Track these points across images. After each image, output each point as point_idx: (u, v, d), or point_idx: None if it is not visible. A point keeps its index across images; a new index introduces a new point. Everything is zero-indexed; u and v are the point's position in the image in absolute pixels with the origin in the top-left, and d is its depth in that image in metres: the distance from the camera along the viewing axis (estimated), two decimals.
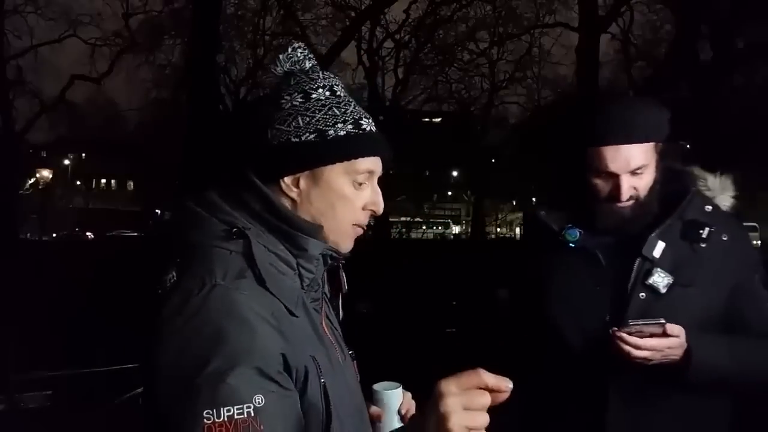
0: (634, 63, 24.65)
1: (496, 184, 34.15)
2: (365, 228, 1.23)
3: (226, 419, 0.94)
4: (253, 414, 0.95)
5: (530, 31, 27.33)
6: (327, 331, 1.19)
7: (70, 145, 40.92)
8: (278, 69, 1.20)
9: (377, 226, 30.13)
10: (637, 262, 1.61)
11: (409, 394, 1.29)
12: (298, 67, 1.20)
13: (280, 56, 1.20)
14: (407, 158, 31.89)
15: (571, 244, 1.67)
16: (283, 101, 1.15)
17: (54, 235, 31.93)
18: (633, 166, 1.60)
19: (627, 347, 1.51)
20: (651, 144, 1.62)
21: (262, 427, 0.95)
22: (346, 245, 1.20)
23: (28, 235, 29.80)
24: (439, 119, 37.10)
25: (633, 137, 1.59)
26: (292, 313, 1.07)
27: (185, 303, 1.01)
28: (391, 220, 33.56)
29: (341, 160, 1.14)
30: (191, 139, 14.63)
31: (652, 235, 1.61)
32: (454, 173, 42.06)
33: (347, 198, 1.16)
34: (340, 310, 1.28)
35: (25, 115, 24.76)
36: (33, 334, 5.41)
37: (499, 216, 46.17)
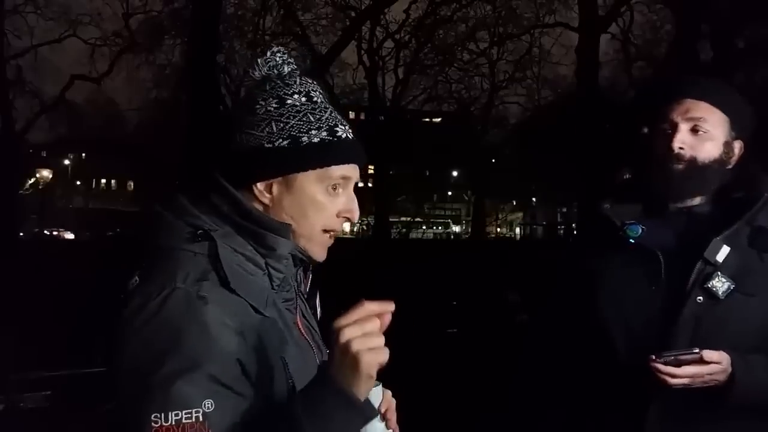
0: (634, 63, 24.66)
1: (496, 184, 34.17)
2: (337, 235, 1.21)
3: (174, 423, 0.95)
4: (201, 419, 0.96)
5: (530, 31, 27.37)
6: (303, 331, 1.19)
7: (70, 145, 40.90)
8: (256, 73, 1.19)
9: (377, 226, 30.19)
10: (698, 264, 1.54)
11: (389, 392, 1.29)
12: (276, 71, 1.18)
13: (258, 60, 1.19)
14: (407, 158, 31.96)
15: (631, 240, 1.62)
16: (258, 106, 1.14)
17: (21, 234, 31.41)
18: (690, 114, 1.60)
19: (663, 376, 1.46)
20: (720, 114, 1.62)
21: None
22: (317, 253, 1.18)
23: (29, 235, 29.77)
24: (439, 119, 37.12)
25: (699, 93, 1.62)
26: (260, 313, 1.07)
27: (144, 306, 1.01)
28: (391, 220, 33.55)
29: (314, 168, 1.12)
30: (191, 139, 14.65)
31: (717, 238, 1.54)
32: (454, 173, 42.09)
33: (320, 205, 1.15)
34: (318, 309, 1.28)
35: (25, 115, 24.77)
36: (33, 334, 5.41)
37: (499, 216, 46.18)
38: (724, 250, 1.54)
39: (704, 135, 1.60)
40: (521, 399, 1.88)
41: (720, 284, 1.53)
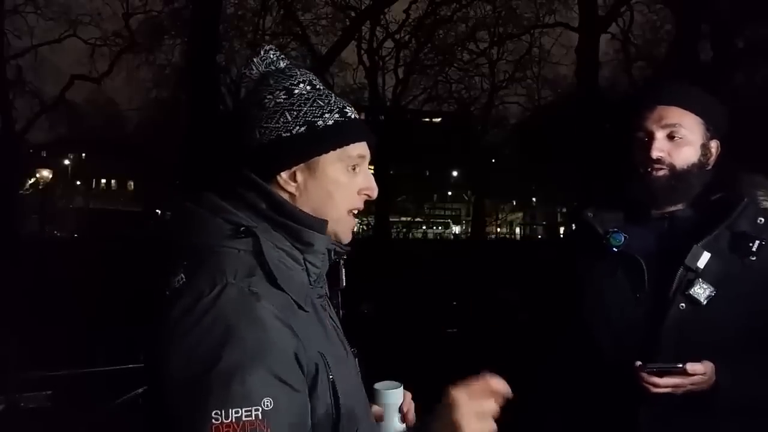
0: (634, 63, 24.61)
1: (496, 184, 34.12)
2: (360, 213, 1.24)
3: (234, 420, 0.94)
4: (261, 417, 0.95)
5: (530, 31, 27.30)
6: (332, 328, 1.20)
7: (70, 145, 40.81)
8: (254, 72, 1.22)
9: (377, 226, 30.15)
10: (679, 271, 1.56)
11: (409, 394, 1.30)
12: (273, 67, 1.22)
13: (255, 59, 1.23)
14: (407, 158, 31.93)
15: (614, 249, 1.64)
16: (266, 101, 1.17)
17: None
18: (664, 122, 1.61)
19: (646, 384, 1.48)
20: (693, 116, 1.63)
21: (268, 431, 0.95)
22: (346, 235, 1.21)
23: (30, 235, 29.76)
24: (439, 119, 37.08)
25: (669, 98, 1.64)
26: (302, 309, 1.08)
27: (196, 303, 1.01)
28: (391, 220, 33.52)
29: (334, 148, 1.16)
30: (191, 139, 14.64)
31: (698, 245, 1.56)
32: (454, 173, 42.03)
33: (344, 185, 1.18)
34: (340, 308, 1.29)
35: (25, 115, 24.70)
36: (33, 334, 5.40)
37: (499, 216, 46.13)
38: (705, 257, 1.56)
39: (681, 140, 1.62)
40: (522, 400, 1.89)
41: (702, 290, 1.54)
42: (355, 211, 1.22)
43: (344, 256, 1.24)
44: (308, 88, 1.18)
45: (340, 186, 1.18)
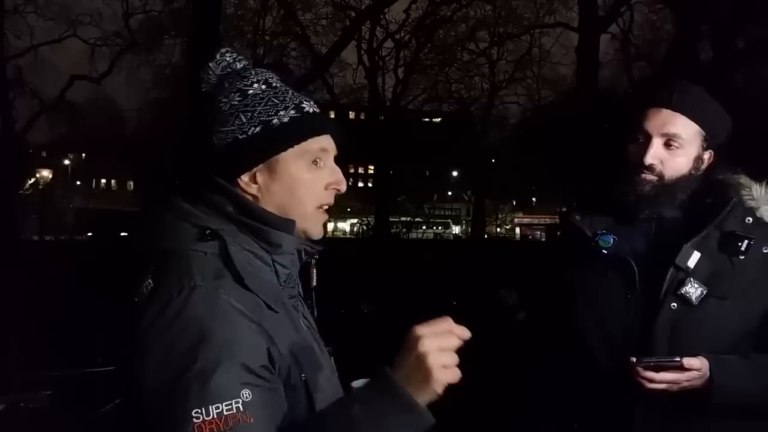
0: (634, 63, 24.65)
1: (496, 184, 34.16)
2: (330, 206, 1.22)
3: (215, 416, 0.95)
4: (242, 408, 0.96)
5: (530, 31, 27.39)
6: (305, 329, 1.21)
7: (70, 145, 40.82)
8: (211, 77, 1.21)
9: (377, 225, 30.18)
10: (670, 271, 1.56)
11: None
12: (230, 69, 1.21)
13: (210, 64, 1.22)
14: (407, 158, 31.95)
15: (603, 251, 1.63)
16: (221, 104, 1.16)
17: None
18: (666, 129, 1.59)
19: (641, 380, 1.48)
20: (695, 127, 1.61)
21: (251, 420, 0.96)
22: (316, 231, 1.20)
23: (30, 235, 29.77)
24: (439, 119, 37.11)
25: (676, 104, 1.60)
26: (272, 309, 1.08)
27: (166, 306, 1.01)
28: (391, 220, 33.54)
29: (291, 145, 1.15)
30: (190, 139, 14.67)
31: (687, 244, 1.56)
32: (454, 173, 42.06)
33: (307, 181, 1.17)
34: (314, 308, 1.29)
35: (25, 115, 24.79)
36: (33, 334, 5.40)
37: (499, 216, 46.15)
38: (695, 256, 1.56)
39: (677, 150, 1.61)
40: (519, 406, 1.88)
41: (693, 290, 1.54)
42: (325, 207, 1.20)
43: (316, 256, 1.24)
44: (263, 87, 1.17)
45: (302, 183, 1.16)
